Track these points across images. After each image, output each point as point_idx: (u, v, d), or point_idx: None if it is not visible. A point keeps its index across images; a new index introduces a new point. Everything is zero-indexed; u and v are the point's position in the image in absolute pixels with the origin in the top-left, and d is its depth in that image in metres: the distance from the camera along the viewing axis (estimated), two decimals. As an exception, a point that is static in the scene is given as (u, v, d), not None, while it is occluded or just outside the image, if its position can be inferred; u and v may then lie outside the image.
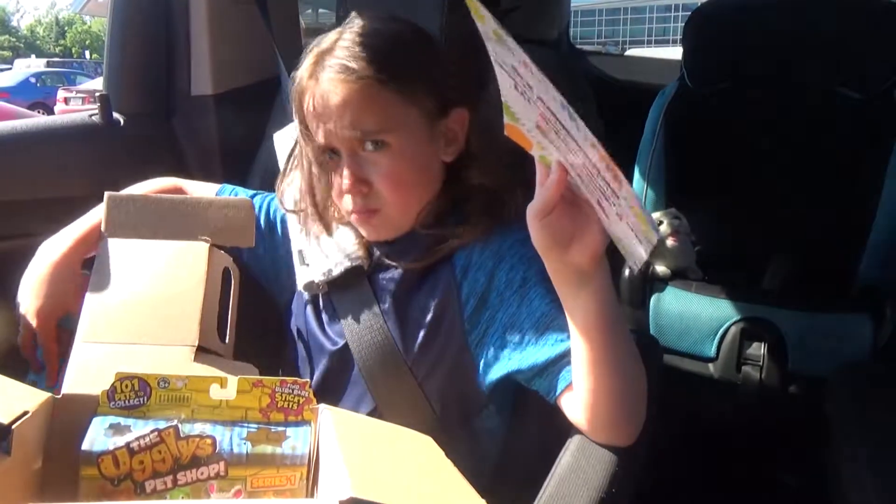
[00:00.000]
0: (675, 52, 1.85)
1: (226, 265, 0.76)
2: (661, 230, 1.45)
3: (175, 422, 0.54)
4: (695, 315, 1.41)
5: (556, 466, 0.70)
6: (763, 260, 1.49)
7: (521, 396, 0.83)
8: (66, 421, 0.57)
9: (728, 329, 1.39)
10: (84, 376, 0.62)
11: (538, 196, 0.61)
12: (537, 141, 0.60)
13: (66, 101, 10.98)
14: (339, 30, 0.79)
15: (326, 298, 0.86)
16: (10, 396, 0.55)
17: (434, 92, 0.78)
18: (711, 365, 1.41)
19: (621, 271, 1.44)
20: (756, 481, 1.43)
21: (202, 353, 0.66)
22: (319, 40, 0.80)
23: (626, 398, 0.69)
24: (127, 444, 0.52)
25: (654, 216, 1.47)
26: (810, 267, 1.44)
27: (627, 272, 1.45)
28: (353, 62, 0.75)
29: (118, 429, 0.53)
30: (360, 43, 0.76)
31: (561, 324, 0.70)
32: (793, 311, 1.37)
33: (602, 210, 0.58)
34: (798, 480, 1.45)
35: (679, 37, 1.70)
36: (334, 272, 0.83)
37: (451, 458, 0.58)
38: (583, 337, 0.67)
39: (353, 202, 0.80)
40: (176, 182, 0.97)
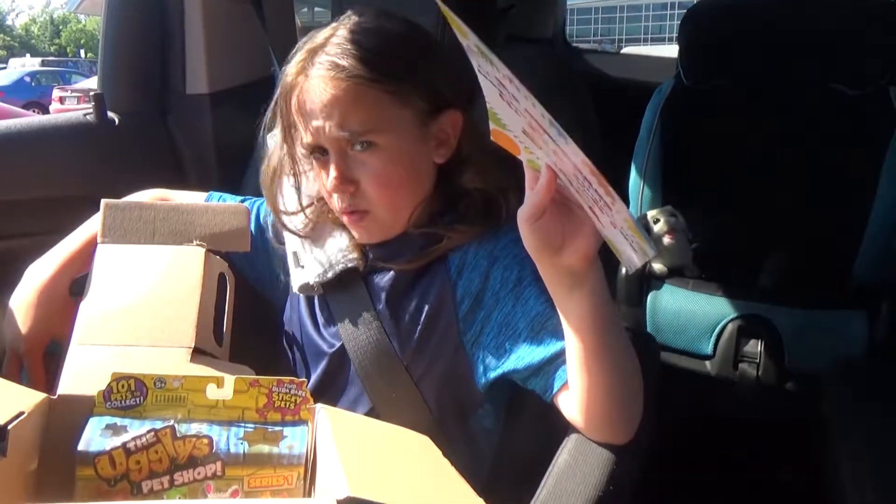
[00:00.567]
0: (672, 50, 1.85)
1: (221, 270, 0.76)
2: (658, 228, 1.45)
3: (171, 422, 0.54)
4: (691, 312, 1.41)
5: (554, 465, 0.70)
6: (759, 257, 1.49)
7: (518, 396, 0.83)
8: (62, 421, 0.57)
9: (725, 326, 1.39)
10: (80, 377, 0.62)
11: (528, 200, 0.61)
12: (525, 146, 0.59)
13: (62, 101, 10.96)
14: (333, 26, 0.78)
15: (322, 300, 0.86)
16: (6, 397, 0.55)
17: (426, 92, 0.77)
18: (708, 362, 1.41)
19: (618, 269, 1.44)
20: (752, 478, 1.43)
21: (198, 355, 0.66)
22: (311, 36, 0.78)
23: (622, 397, 0.69)
24: (123, 445, 0.52)
25: (651, 214, 1.47)
26: (807, 264, 1.44)
27: (624, 270, 1.45)
28: (344, 60, 0.74)
29: (114, 429, 0.53)
30: (352, 40, 0.75)
31: (556, 323, 0.70)
32: (789, 309, 1.37)
33: (594, 214, 0.58)
34: (794, 477, 1.46)
35: (675, 34, 1.70)
36: (329, 274, 0.83)
37: (449, 458, 0.58)
38: (577, 337, 0.66)
39: (341, 201, 0.79)
40: (163, 193, 0.96)
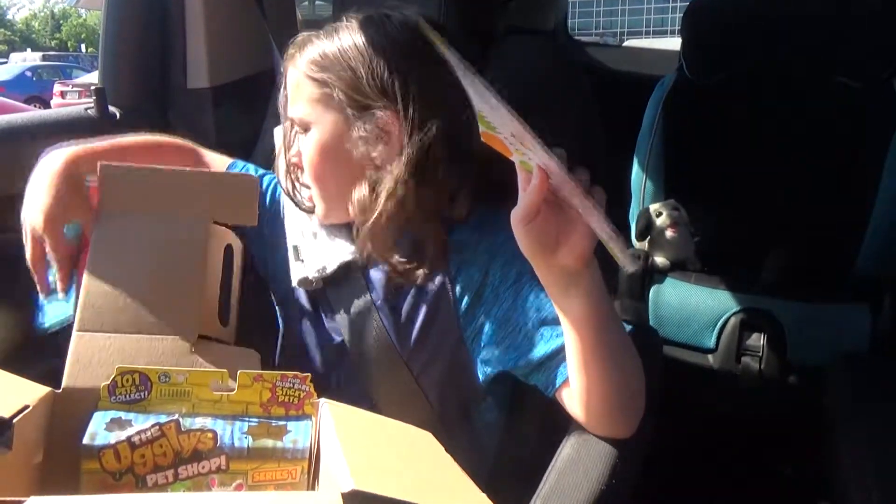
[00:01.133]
0: (674, 43, 1.84)
1: (228, 242, 0.74)
2: (661, 221, 1.45)
3: (176, 416, 0.54)
4: (694, 306, 1.41)
5: (556, 459, 0.70)
6: (762, 251, 1.49)
7: (520, 390, 0.83)
8: (67, 415, 0.57)
9: (727, 320, 1.39)
10: (83, 368, 0.62)
11: (521, 201, 0.61)
12: (515, 148, 0.59)
13: (63, 95, 10.95)
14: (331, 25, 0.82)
15: (322, 294, 0.86)
16: (11, 391, 0.55)
17: (352, 92, 0.77)
18: (711, 356, 1.41)
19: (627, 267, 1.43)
20: (754, 471, 1.43)
21: (203, 341, 0.65)
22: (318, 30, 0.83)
23: (623, 392, 0.70)
24: (128, 438, 0.52)
25: (653, 207, 1.47)
26: (809, 258, 1.44)
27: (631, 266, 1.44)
28: (300, 53, 0.81)
29: (119, 423, 0.53)
30: (317, 36, 0.81)
31: (556, 319, 0.70)
32: (792, 302, 1.37)
33: (591, 213, 0.58)
34: (796, 470, 1.46)
35: (677, 27, 1.70)
36: (328, 269, 0.83)
37: (451, 453, 0.58)
38: (576, 335, 0.67)
39: (299, 174, 0.85)
40: (192, 146, 0.96)
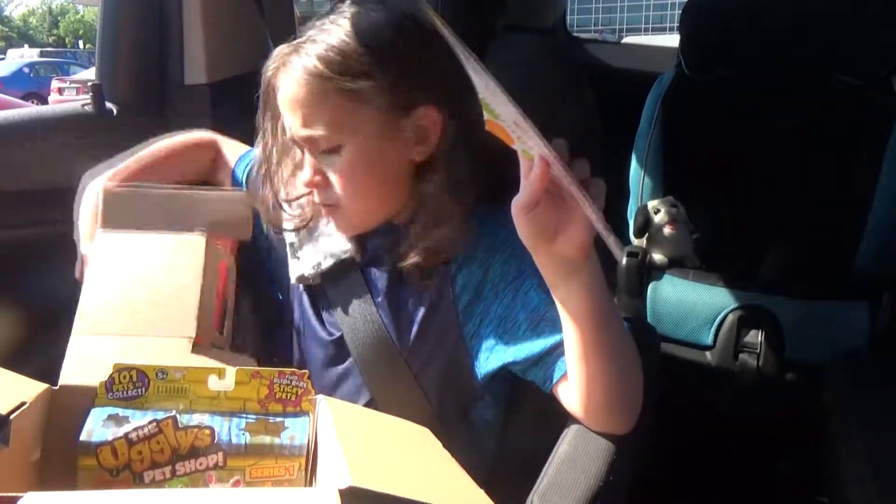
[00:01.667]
0: (673, 40, 1.84)
1: (223, 258, 0.76)
2: (659, 218, 1.45)
3: (173, 412, 0.54)
4: (692, 303, 1.41)
5: (554, 455, 0.71)
6: (760, 248, 1.49)
7: (518, 388, 0.83)
8: (65, 412, 0.57)
9: (725, 317, 1.38)
10: (81, 368, 0.62)
11: (523, 190, 0.60)
12: (518, 136, 0.59)
13: (61, 92, 10.94)
14: (323, 19, 0.75)
15: (321, 290, 0.86)
16: (8, 387, 0.55)
17: (392, 89, 0.73)
18: (709, 353, 1.41)
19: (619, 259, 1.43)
20: (752, 468, 1.44)
21: (199, 346, 0.66)
22: (307, 26, 0.76)
23: (621, 387, 0.70)
24: (125, 435, 0.52)
25: (651, 204, 1.47)
26: (808, 254, 1.44)
27: (625, 260, 1.44)
28: (309, 57, 0.72)
29: (117, 420, 0.53)
30: (322, 37, 0.72)
31: (555, 315, 0.70)
32: (790, 299, 1.37)
33: (586, 204, 0.59)
34: (794, 468, 1.46)
35: (676, 24, 1.69)
36: (323, 266, 0.83)
37: (449, 450, 0.58)
38: (575, 327, 0.67)
39: (317, 195, 0.78)
40: (213, 136, 0.97)
